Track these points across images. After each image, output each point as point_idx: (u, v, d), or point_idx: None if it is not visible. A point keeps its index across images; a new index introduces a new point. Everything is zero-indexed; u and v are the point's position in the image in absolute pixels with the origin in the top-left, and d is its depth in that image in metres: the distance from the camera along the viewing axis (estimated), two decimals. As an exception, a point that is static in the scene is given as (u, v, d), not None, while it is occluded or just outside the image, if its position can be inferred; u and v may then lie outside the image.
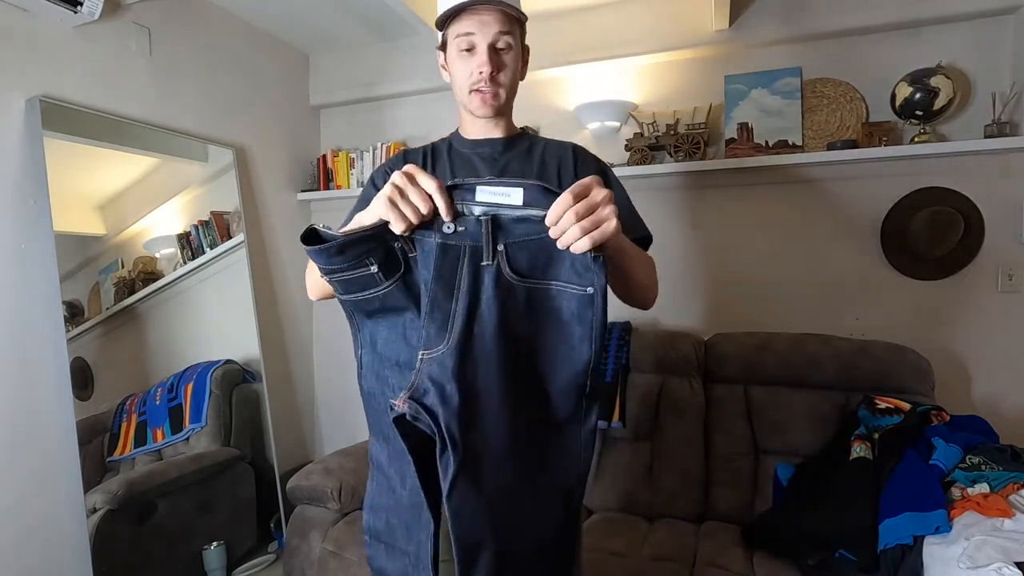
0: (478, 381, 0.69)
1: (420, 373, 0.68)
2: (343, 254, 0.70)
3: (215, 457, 2.10)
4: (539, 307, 0.72)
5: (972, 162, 1.85)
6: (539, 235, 0.69)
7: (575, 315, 0.71)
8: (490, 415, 0.69)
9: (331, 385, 2.75)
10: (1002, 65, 1.85)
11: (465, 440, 0.67)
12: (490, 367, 0.69)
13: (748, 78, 2.08)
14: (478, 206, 0.70)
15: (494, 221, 0.70)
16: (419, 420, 0.67)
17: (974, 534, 1.13)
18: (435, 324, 0.69)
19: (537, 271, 0.71)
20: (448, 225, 0.69)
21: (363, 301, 0.75)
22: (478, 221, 0.70)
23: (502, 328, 0.70)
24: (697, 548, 1.59)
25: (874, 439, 1.51)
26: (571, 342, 0.72)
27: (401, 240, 0.71)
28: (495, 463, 0.70)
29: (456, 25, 0.94)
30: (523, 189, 0.69)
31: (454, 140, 1.09)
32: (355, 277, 0.72)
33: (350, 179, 2.56)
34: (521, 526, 0.73)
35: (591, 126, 2.24)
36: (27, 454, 1.63)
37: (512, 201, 0.69)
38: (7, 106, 1.62)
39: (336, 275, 0.72)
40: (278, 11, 2.31)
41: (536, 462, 0.74)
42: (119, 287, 1.90)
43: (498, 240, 0.70)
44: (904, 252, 1.94)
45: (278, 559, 2.19)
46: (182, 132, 2.10)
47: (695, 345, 1.96)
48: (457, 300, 0.70)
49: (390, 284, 0.73)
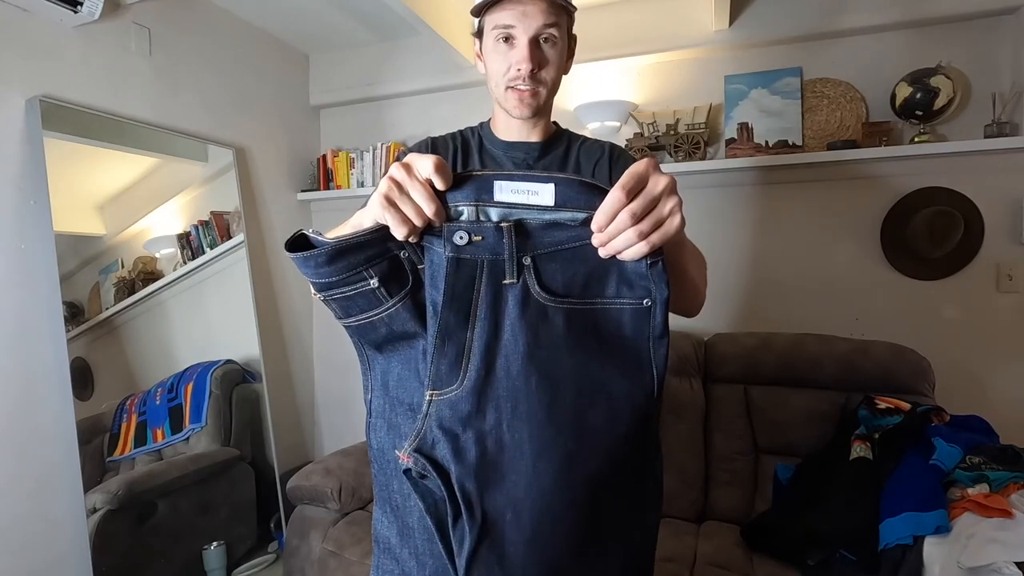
0: (503, 430, 0.55)
1: (428, 419, 0.56)
2: (333, 264, 0.54)
3: (215, 457, 2.10)
4: (581, 333, 0.56)
5: (972, 162, 1.85)
6: (578, 243, 0.55)
7: (630, 338, 0.57)
8: (521, 474, 0.54)
9: (331, 385, 2.75)
10: (1002, 65, 1.85)
11: (486, 505, 0.54)
12: (518, 412, 0.55)
13: (748, 78, 2.08)
14: (497, 207, 0.55)
15: (518, 227, 0.55)
16: (427, 479, 0.55)
17: (974, 534, 1.13)
18: (447, 359, 0.56)
19: (576, 288, 0.56)
20: (460, 235, 0.54)
21: (367, 326, 0.60)
22: (498, 228, 0.54)
23: (532, 361, 0.55)
24: (697, 548, 1.59)
25: (874, 439, 1.51)
26: (628, 372, 0.57)
27: (408, 248, 0.56)
28: (530, 536, 0.54)
29: (495, 13, 0.83)
30: (555, 185, 0.54)
31: (485, 135, 0.97)
32: (354, 294, 0.57)
33: (350, 179, 2.56)
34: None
35: (591, 126, 2.24)
36: (27, 454, 1.63)
37: (542, 200, 0.55)
38: (7, 106, 1.62)
39: (331, 292, 0.57)
40: (278, 11, 2.31)
41: (588, 535, 0.56)
42: (119, 287, 1.90)
43: (524, 251, 0.55)
44: (904, 252, 1.94)
45: (278, 559, 2.19)
46: (182, 132, 2.10)
47: (695, 345, 1.96)
48: (474, 328, 0.56)
49: (396, 302, 0.57)
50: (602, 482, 0.56)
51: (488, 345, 0.55)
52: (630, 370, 0.57)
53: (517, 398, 0.55)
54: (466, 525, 0.53)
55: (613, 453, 0.57)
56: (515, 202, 0.55)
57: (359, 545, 1.67)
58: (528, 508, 0.54)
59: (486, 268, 0.55)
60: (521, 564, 0.54)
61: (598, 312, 0.57)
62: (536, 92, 0.86)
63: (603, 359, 0.57)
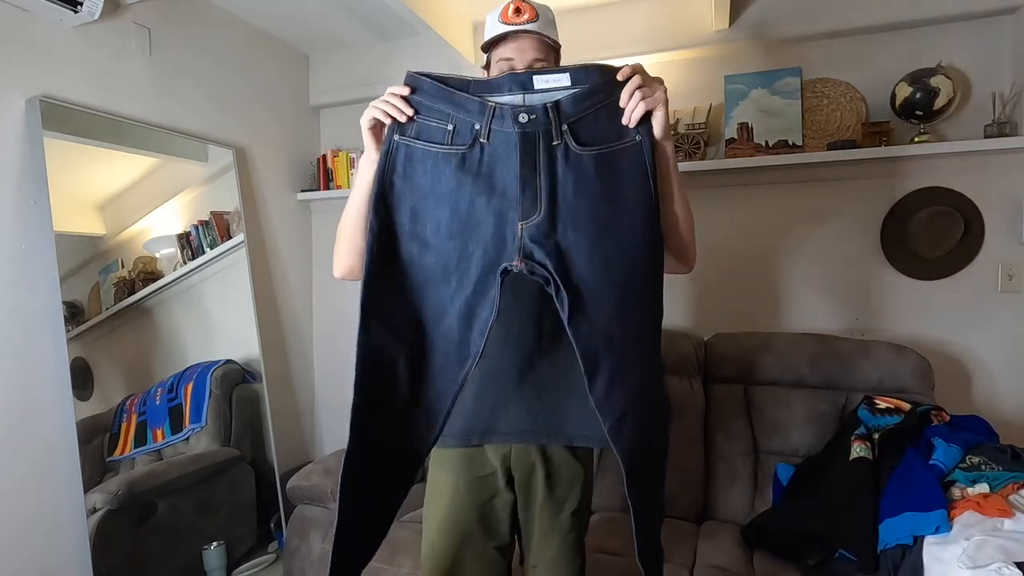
0: (568, 236, 0.86)
1: (523, 238, 0.85)
2: (432, 98, 0.88)
3: (215, 457, 2.10)
4: (604, 168, 0.87)
5: (972, 162, 1.85)
6: (593, 108, 0.87)
7: (632, 163, 0.88)
8: (583, 260, 0.86)
9: (331, 385, 2.75)
10: (1002, 65, 1.85)
11: (568, 281, 0.85)
12: (577, 224, 0.86)
13: (748, 78, 2.08)
14: (536, 93, 0.86)
15: (555, 106, 0.85)
16: (535, 273, 0.85)
17: (974, 534, 1.13)
18: (528, 199, 0.86)
19: (597, 140, 0.87)
20: (523, 115, 0.85)
21: (422, 153, 0.89)
22: (545, 109, 0.85)
23: (579, 192, 0.86)
24: (697, 548, 1.59)
25: (874, 439, 1.51)
26: (636, 185, 0.88)
27: (482, 124, 0.87)
28: (597, 295, 0.87)
29: (499, 50, 1.08)
30: (569, 72, 0.86)
31: None
32: (433, 126, 0.89)
33: (350, 179, 2.56)
34: (624, 340, 0.89)
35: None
36: (27, 454, 1.63)
37: (562, 84, 0.86)
38: (7, 106, 1.62)
39: (420, 116, 0.89)
40: (278, 11, 2.31)
41: (629, 291, 0.89)
42: (119, 287, 1.90)
43: (562, 121, 0.86)
44: (904, 252, 1.94)
45: (278, 559, 2.19)
46: (182, 132, 2.10)
47: (695, 345, 1.96)
48: (540, 176, 0.86)
49: (453, 147, 0.88)
50: (630, 258, 0.88)
51: (551, 185, 0.86)
52: (637, 183, 0.88)
53: (574, 215, 0.86)
54: (564, 293, 0.85)
55: (633, 239, 0.88)
56: (547, 87, 0.86)
57: (359, 545, 1.67)
58: (591, 279, 0.87)
59: (542, 136, 0.86)
60: (593, 311, 0.86)
61: (614, 152, 0.88)
62: None
63: (620, 181, 0.88)
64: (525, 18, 1.04)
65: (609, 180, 0.87)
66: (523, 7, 1.04)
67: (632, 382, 0.90)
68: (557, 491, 1.08)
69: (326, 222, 2.73)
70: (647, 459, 0.97)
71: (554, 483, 1.08)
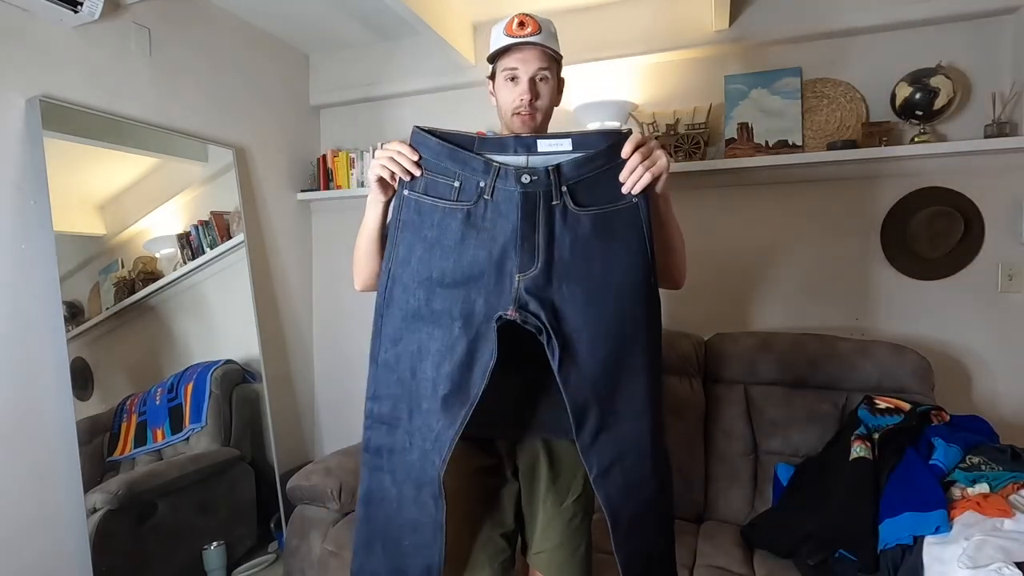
0: (563, 291, 0.91)
1: (519, 289, 0.90)
2: (438, 155, 0.94)
3: (215, 457, 2.10)
4: (601, 227, 0.92)
5: (972, 162, 1.85)
6: (593, 172, 0.92)
7: (628, 225, 0.93)
8: (576, 312, 0.91)
9: (331, 385, 2.75)
10: (1002, 65, 1.85)
11: (560, 332, 0.90)
12: (572, 279, 0.91)
13: (748, 78, 2.08)
14: (540, 156, 0.91)
15: (558, 169, 0.90)
16: (527, 323, 0.90)
17: (974, 534, 1.13)
18: (526, 252, 0.90)
19: (594, 201, 0.92)
20: (526, 176, 0.90)
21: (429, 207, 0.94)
22: (547, 171, 0.90)
23: (575, 249, 0.91)
24: (697, 548, 1.59)
25: (874, 439, 1.51)
26: (632, 243, 0.93)
27: (487, 182, 0.91)
28: (588, 347, 0.92)
29: (504, 60, 1.13)
30: (571, 138, 0.92)
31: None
32: (440, 183, 0.94)
33: (350, 179, 2.56)
34: (614, 392, 0.94)
35: (591, 126, 2.24)
36: (27, 454, 1.63)
37: (564, 148, 0.91)
38: (7, 106, 1.62)
39: (427, 173, 0.94)
40: (278, 11, 2.31)
41: (622, 345, 0.94)
42: (119, 287, 1.90)
43: (562, 183, 0.91)
44: (904, 252, 1.94)
45: (278, 559, 2.19)
46: (182, 132, 2.10)
47: (695, 345, 1.96)
48: (539, 232, 0.90)
49: (459, 203, 0.92)
50: (622, 312, 0.93)
51: (548, 242, 0.91)
52: (634, 242, 0.94)
53: (569, 271, 0.91)
54: (555, 342, 0.89)
55: (628, 295, 0.93)
56: (551, 150, 0.92)
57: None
58: (582, 331, 0.91)
59: (542, 196, 0.91)
60: (584, 361, 0.91)
61: (611, 212, 0.93)
62: (534, 116, 1.15)
63: (616, 239, 0.93)
64: (529, 31, 1.09)
65: (606, 238, 0.92)
66: (527, 21, 1.09)
67: (622, 434, 0.95)
68: (560, 480, 1.13)
69: (326, 222, 2.74)
70: (641, 519, 1.00)
71: (557, 472, 1.13)
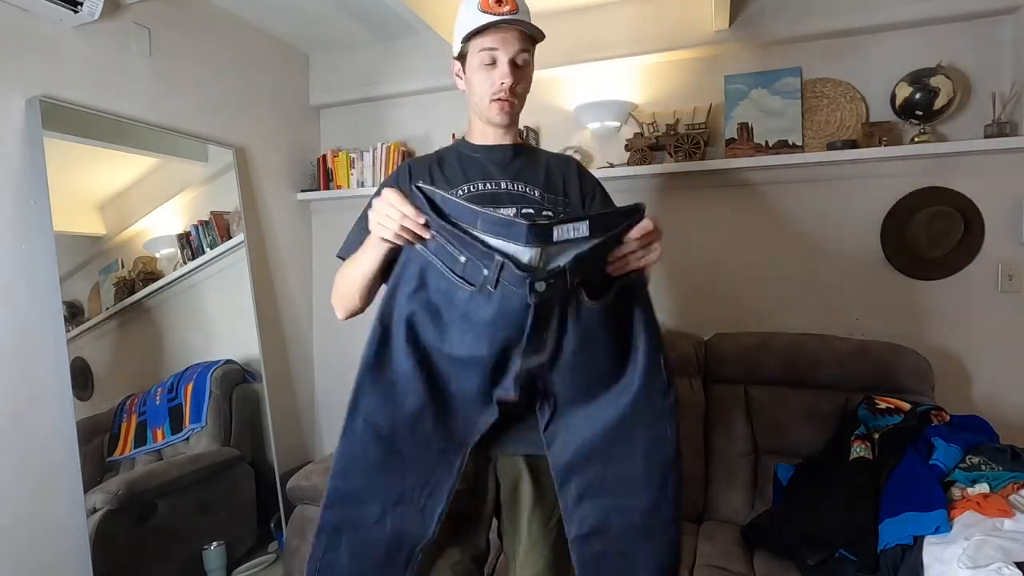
0: (567, 376, 0.90)
1: (521, 373, 0.87)
2: (439, 227, 0.83)
3: (215, 457, 2.10)
4: (610, 316, 0.88)
5: (972, 162, 1.85)
6: (604, 254, 0.83)
7: (635, 310, 0.90)
8: (572, 392, 0.91)
9: (331, 385, 2.75)
10: (1002, 65, 1.85)
11: (557, 401, 0.92)
12: (574, 370, 0.89)
13: (748, 78, 2.08)
14: (556, 244, 0.79)
15: (574, 264, 0.80)
16: (520, 399, 0.89)
17: (974, 534, 1.13)
18: (533, 344, 0.85)
19: (603, 286, 0.86)
20: (540, 284, 0.79)
21: (434, 271, 0.86)
22: (563, 272, 0.80)
23: (583, 340, 0.87)
24: (697, 548, 1.59)
25: (874, 439, 1.51)
26: (636, 331, 0.90)
27: (490, 272, 0.81)
28: (580, 417, 0.92)
29: (480, 40, 1.01)
30: (588, 221, 0.79)
31: (462, 147, 1.14)
32: (448, 250, 0.83)
33: (350, 179, 2.56)
34: (609, 466, 0.92)
35: (591, 126, 2.24)
36: (27, 454, 1.63)
37: (582, 233, 0.79)
38: (7, 106, 1.62)
39: (435, 235, 0.84)
40: (278, 11, 2.31)
41: (619, 438, 0.91)
42: (119, 287, 1.90)
43: (576, 277, 0.82)
44: (904, 252, 1.94)
45: (278, 559, 2.19)
46: (182, 132, 2.10)
47: (695, 345, 1.96)
48: (550, 331, 0.85)
49: (465, 283, 0.83)
50: (622, 392, 0.91)
51: (557, 337, 0.86)
52: (635, 329, 0.90)
53: (574, 364, 0.88)
54: (547, 408, 0.93)
55: (634, 385, 0.90)
56: (565, 239, 0.79)
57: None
58: (576, 405, 0.92)
59: (556, 299, 0.82)
60: (574, 428, 0.93)
61: (611, 306, 0.87)
62: (514, 103, 1.05)
63: (622, 328, 0.90)
64: (507, 9, 0.98)
65: (614, 329, 0.89)
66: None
67: (609, 505, 0.93)
68: (545, 499, 1.04)
69: (326, 222, 2.73)
70: None
71: (542, 491, 1.04)
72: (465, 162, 1.10)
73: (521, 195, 1.07)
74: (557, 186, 1.11)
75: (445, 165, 1.10)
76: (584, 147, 2.31)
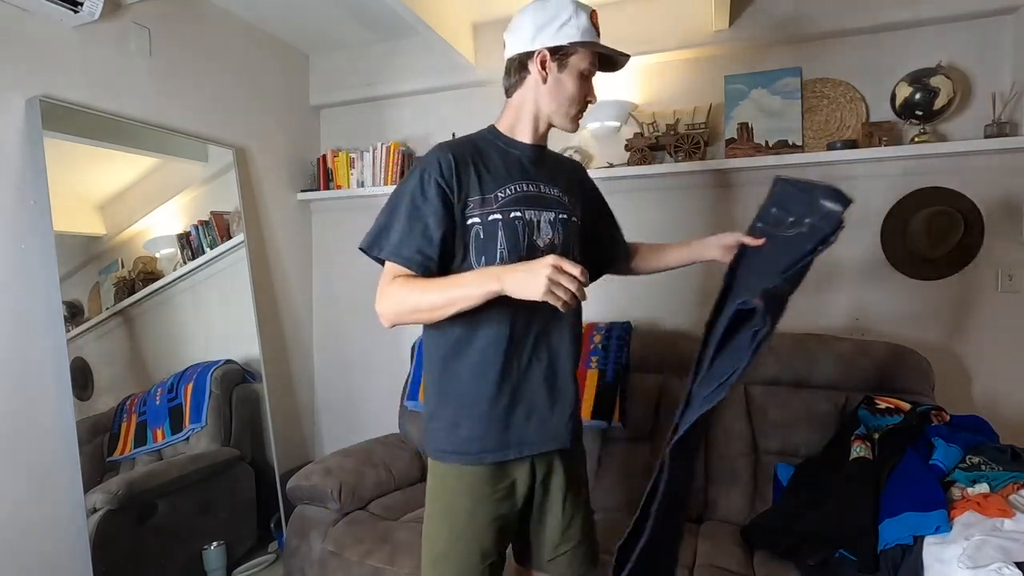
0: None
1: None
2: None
3: (215, 457, 2.10)
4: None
5: (972, 162, 1.85)
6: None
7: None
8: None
9: (331, 385, 2.75)
10: (1002, 65, 1.85)
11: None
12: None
13: (748, 78, 2.08)
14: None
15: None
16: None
17: (974, 534, 1.13)
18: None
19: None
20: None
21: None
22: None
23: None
24: (697, 548, 1.59)
25: (874, 439, 1.51)
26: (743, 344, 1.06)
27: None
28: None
29: (590, 54, 1.09)
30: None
31: (498, 139, 1.12)
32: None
33: (350, 179, 2.56)
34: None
35: (591, 126, 2.24)
36: (27, 454, 1.63)
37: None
38: (7, 106, 1.62)
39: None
40: (278, 11, 2.31)
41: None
42: (119, 287, 1.90)
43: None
44: (904, 252, 1.94)
45: (278, 559, 2.19)
46: (182, 132, 2.10)
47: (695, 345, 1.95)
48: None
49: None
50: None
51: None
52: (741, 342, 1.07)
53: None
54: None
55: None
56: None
57: (359, 545, 1.67)
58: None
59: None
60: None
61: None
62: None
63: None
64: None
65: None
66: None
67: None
68: (576, 472, 1.16)
69: (326, 222, 2.74)
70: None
71: (572, 465, 1.15)
72: (506, 159, 1.09)
73: (555, 199, 1.10)
74: (574, 190, 1.17)
75: (487, 159, 1.07)
76: (584, 147, 2.31)
